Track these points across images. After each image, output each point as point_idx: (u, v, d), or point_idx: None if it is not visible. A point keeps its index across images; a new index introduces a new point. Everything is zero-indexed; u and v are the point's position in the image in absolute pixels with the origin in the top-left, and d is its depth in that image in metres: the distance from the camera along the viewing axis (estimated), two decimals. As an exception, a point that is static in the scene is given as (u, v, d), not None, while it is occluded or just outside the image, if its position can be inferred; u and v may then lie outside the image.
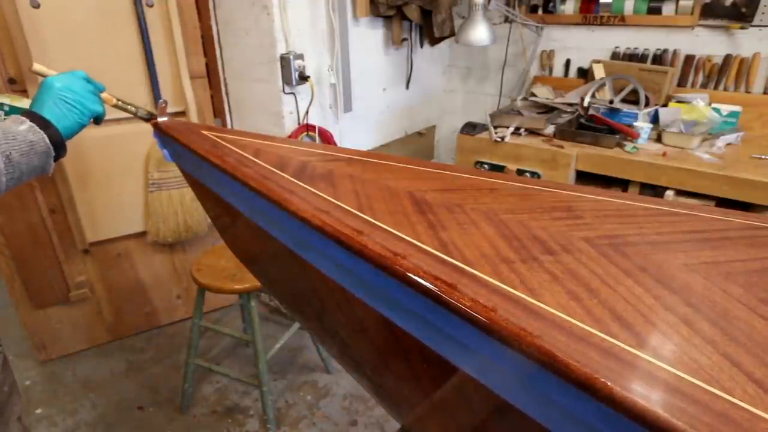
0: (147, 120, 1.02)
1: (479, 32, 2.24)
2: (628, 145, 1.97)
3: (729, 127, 2.03)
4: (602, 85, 2.23)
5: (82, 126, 0.85)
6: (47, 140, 0.78)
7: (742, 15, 1.99)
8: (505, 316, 0.46)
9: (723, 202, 1.74)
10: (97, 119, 0.89)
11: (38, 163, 0.78)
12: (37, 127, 0.77)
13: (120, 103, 0.97)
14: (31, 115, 0.80)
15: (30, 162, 0.76)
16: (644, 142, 2.01)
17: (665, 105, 2.14)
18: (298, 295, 0.94)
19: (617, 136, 2.00)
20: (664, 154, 1.89)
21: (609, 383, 0.38)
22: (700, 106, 2.05)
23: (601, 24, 2.33)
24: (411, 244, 0.58)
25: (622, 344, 0.43)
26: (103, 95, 0.93)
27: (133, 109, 0.99)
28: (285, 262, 0.82)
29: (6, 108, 0.94)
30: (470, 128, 2.25)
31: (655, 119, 2.12)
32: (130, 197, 2.05)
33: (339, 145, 2.23)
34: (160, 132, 0.99)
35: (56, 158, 0.82)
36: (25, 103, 0.95)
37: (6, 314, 2.39)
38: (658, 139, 2.02)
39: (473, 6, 2.22)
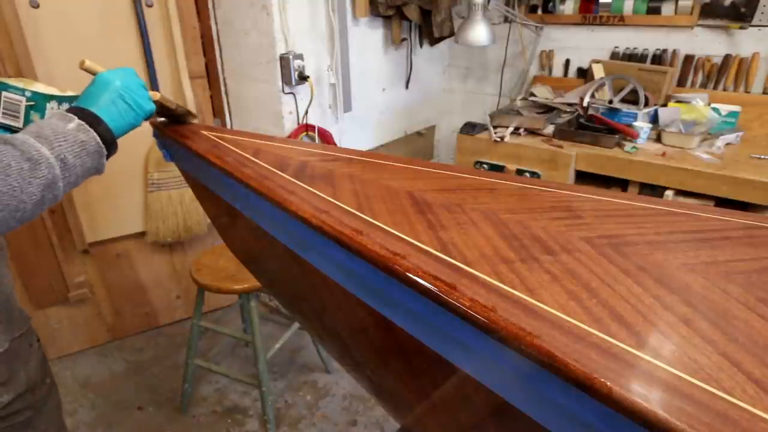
0: (182, 117, 0.97)
1: (479, 32, 2.24)
2: (628, 145, 1.97)
3: (728, 127, 2.03)
4: (602, 85, 2.23)
5: (136, 126, 0.80)
6: (98, 139, 0.72)
7: (742, 15, 1.99)
8: (504, 316, 0.46)
9: (722, 202, 1.74)
10: (147, 118, 0.84)
11: (91, 165, 0.72)
12: (86, 125, 0.71)
13: (162, 99, 0.90)
14: (78, 111, 0.73)
15: (83, 164, 0.70)
16: (643, 142, 2.01)
17: (665, 105, 2.14)
18: (298, 295, 0.94)
19: (617, 136, 2.00)
20: (663, 154, 1.89)
21: (608, 383, 0.38)
22: (699, 106, 2.05)
23: (601, 24, 2.33)
24: (410, 244, 0.58)
25: (622, 344, 0.43)
26: (150, 92, 0.87)
27: (174, 105, 0.94)
28: (285, 262, 0.82)
29: (27, 94, 0.88)
30: (470, 128, 2.25)
31: (654, 119, 2.12)
32: (129, 197, 2.05)
33: (338, 145, 2.23)
34: (160, 132, 0.99)
35: (107, 156, 0.76)
36: (40, 87, 0.88)
37: (5, 314, 2.39)
38: (658, 139, 2.03)
39: (473, 6, 2.22)
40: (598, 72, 2.31)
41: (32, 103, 0.85)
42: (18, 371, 0.84)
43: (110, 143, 0.75)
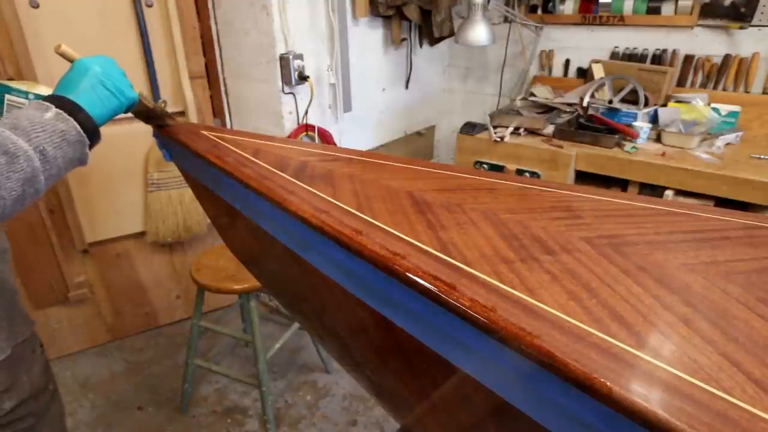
0: (161, 117, 0.96)
1: (478, 32, 2.24)
2: (628, 145, 1.97)
3: (728, 127, 2.03)
4: (601, 85, 2.23)
5: (118, 113, 0.77)
6: (78, 127, 0.68)
7: (741, 15, 1.99)
8: (504, 316, 0.46)
9: (722, 202, 1.74)
10: (129, 108, 0.81)
11: (73, 155, 0.68)
12: (64, 114, 0.67)
13: (141, 95, 0.89)
14: (56, 99, 0.69)
15: (65, 155, 0.67)
16: (643, 142, 2.01)
17: (664, 105, 2.14)
18: (298, 295, 0.94)
19: (616, 136, 2.00)
20: (663, 154, 1.89)
21: (608, 383, 0.38)
22: (699, 106, 2.05)
23: (601, 24, 2.33)
24: (410, 244, 0.58)
25: (622, 344, 0.43)
26: None
27: (152, 104, 0.92)
28: (285, 262, 0.82)
29: (31, 96, 0.86)
30: (470, 128, 2.25)
31: (654, 119, 2.12)
32: (129, 197, 2.05)
33: (338, 145, 2.23)
34: (160, 132, 0.99)
35: (91, 146, 0.72)
36: (42, 89, 0.87)
37: (5, 314, 2.38)
38: (658, 139, 2.03)
39: (472, 6, 2.22)
40: (598, 72, 2.31)
41: None
42: (20, 377, 0.83)
43: (92, 132, 0.71)
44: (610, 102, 2.18)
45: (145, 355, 2.23)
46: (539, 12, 2.46)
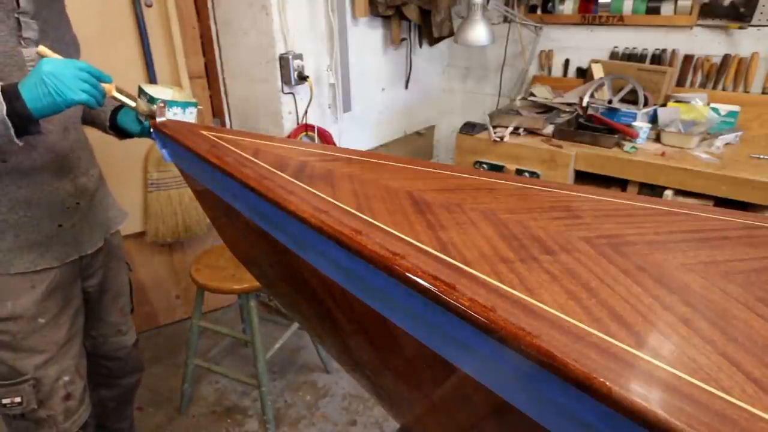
0: (146, 117, 1.02)
1: (478, 32, 2.24)
2: (627, 145, 1.97)
3: (727, 126, 2.03)
4: (601, 85, 2.23)
5: (57, 110, 0.88)
6: (3, 111, 0.83)
7: (741, 15, 1.99)
8: (503, 316, 0.46)
9: (721, 202, 1.74)
10: (90, 106, 0.92)
11: None
12: (0, 98, 0.83)
13: (117, 94, 0.99)
14: (8, 85, 0.85)
15: None
16: (643, 142, 2.01)
17: (664, 105, 2.15)
18: (297, 296, 0.94)
19: (616, 136, 2.00)
20: (662, 154, 1.89)
21: (607, 383, 0.38)
22: (698, 105, 2.05)
23: (600, 24, 2.33)
24: (410, 244, 0.58)
25: (621, 344, 0.43)
26: (105, 86, 0.96)
27: (132, 104, 1.00)
28: (284, 262, 0.82)
29: (146, 96, 1.03)
30: (469, 128, 2.25)
31: (653, 119, 2.12)
32: (129, 197, 2.04)
33: (338, 145, 2.23)
34: (159, 132, 0.99)
35: (26, 132, 0.87)
36: (152, 90, 1.03)
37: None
38: (657, 139, 2.03)
39: (472, 6, 2.22)
40: (598, 72, 2.31)
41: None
42: (5, 301, 1.03)
43: (26, 119, 0.85)
44: (610, 102, 2.18)
45: (144, 355, 2.22)
46: (539, 12, 2.47)
